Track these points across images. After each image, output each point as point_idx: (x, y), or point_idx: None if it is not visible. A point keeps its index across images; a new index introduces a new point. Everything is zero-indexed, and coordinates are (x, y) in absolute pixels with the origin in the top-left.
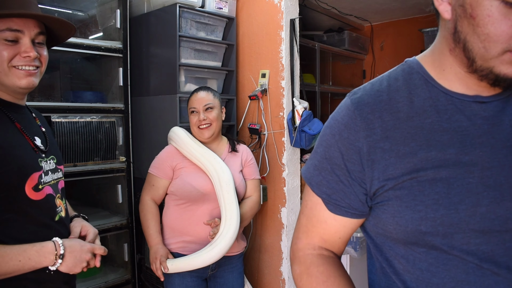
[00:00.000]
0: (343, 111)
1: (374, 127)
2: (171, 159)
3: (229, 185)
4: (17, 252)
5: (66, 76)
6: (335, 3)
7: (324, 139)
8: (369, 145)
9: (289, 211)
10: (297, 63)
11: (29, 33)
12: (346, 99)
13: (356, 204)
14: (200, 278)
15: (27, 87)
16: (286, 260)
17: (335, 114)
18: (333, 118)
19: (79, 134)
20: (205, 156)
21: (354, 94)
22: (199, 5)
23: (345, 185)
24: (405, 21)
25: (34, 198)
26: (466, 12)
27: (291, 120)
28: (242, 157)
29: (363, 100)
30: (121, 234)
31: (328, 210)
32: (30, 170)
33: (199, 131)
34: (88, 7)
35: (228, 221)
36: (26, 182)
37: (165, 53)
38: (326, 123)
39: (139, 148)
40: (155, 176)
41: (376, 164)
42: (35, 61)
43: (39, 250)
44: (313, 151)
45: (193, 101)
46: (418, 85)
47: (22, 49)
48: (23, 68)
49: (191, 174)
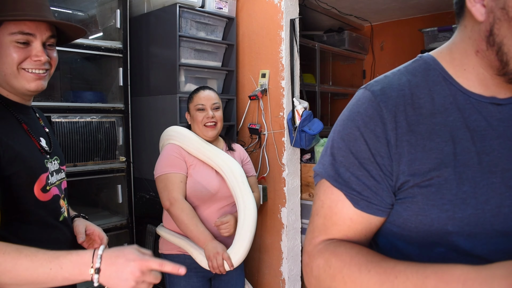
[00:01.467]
0: (365, 103)
1: (399, 120)
2: (180, 154)
3: (243, 176)
4: (48, 258)
5: (66, 76)
6: (335, 3)
7: (346, 132)
8: (396, 138)
9: (289, 211)
10: (297, 63)
11: (40, 36)
12: (364, 92)
13: (387, 201)
14: (205, 277)
15: (36, 90)
16: (286, 260)
17: (355, 106)
18: (353, 111)
19: (79, 134)
20: (214, 152)
21: (373, 86)
22: (199, 5)
23: (376, 180)
24: (405, 21)
25: (42, 199)
26: (508, 16)
27: (291, 120)
28: (240, 156)
29: (386, 93)
30: (121, 234)
31: (357, 208)
32: (39, 172)
33: (205, 129)
34: (88, 7)
35: (247, 210)
36: (35, 184)
37: (165, 53)
38: (345, 117)
39: (139, 148)
40: (176, 173)
41: (403, 157)
42: (45, 65)
43: (74, 260)
44: (329, 148)
45: (200, 98)
46: (436, 82)
47: (33, 53)
48: (33, 72)
49: (200, 173)
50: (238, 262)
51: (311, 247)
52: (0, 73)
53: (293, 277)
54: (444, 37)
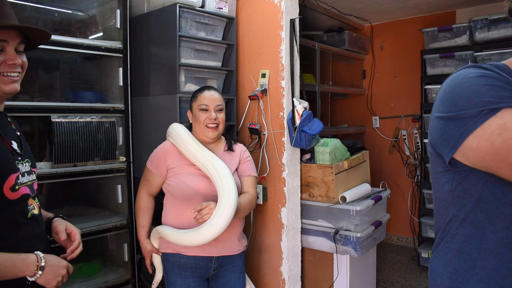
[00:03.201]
0: (481, 70)
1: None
2: (165, 156)
3: (228, 177)
4: (4, 259)
5: (66, 76)
6: (335, 3)
7: (490, 82)
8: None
9: (289, 211)
10: (297, 63)
11: (12, 42)
12: (469, 68)
13: None
14: (202, 278)
15: (11, 92)
16: (286, 260)
17: (478, 71)
18: (479, 74)
19: (79, 134)
20: (203, 155)
21: (479, 67)
22: (199, 5)
23: None
24: (405, 21)
25: (10, 198)
26: None
27: (291, 120)
28: (239, 155)
29: (494, 70)
30: (121, 234)
31: None
32: (8, 172)
33: (206, 129)
34: (88, 7)
35: (224, 201)
36: (4, 183)
37: (165, 53)
38: (477, 76)
39: (139, 148)
40: (150, 170)
41: None
42: (18, 68)
43: (23, 259)
44: (481, 95)
45: (204, 98)
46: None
47: (7, 57)
48: (8, 75)
49: (186, 173)
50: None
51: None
52: None
53: (293, 277)
54: (444, 37)
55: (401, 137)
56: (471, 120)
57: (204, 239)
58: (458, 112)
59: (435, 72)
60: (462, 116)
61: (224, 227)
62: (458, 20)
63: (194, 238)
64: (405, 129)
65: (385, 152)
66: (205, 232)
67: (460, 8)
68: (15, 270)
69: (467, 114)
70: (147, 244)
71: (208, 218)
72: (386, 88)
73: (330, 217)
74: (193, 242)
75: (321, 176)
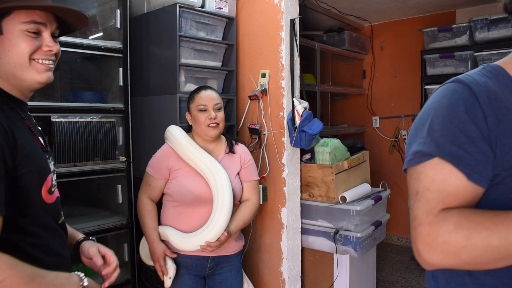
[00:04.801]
0: (464, 92)
1: (494, 111)
2: (167, 159)
3: (225, 188)
4: (52, 277)
5: (66, 76)
6: (335, 3)
7: (454, 116)
8: (492, 123)
9: (289, 211)
10: (297, 63)
11: (50, 27)
12: (456, 84)
13: (491, 174)
14: (199, 276)
15: (46, 82)
16: (286, 260)
17: (455, 95)
18: (455, 98)
19: (79, 134)
20: (201, 159)
21: (463, 80)
22: (199, 5)
23: (486, 156)
24: (405, 21)
25: (48, 201)
26: None
27: (291, 120)
28: (240, 159)
29: (478, 86)
30: (121, 234)
31: (470, 180)
32: (47, 172)
33: (208, 129)
34: (88, 7)
35: (212, 224)
36: (43, 185)
37: (165, 53)
38: (447, 104)
39: (139, 148)
40: (151, 175)
41: (498, 141)
42: (53, 56)
43: (68, 278)
44: (430, 131)
45: (202, 98)
46: (507, 85)
47: (44, 43)
48: (43, 63)
49: (187, 177)
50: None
51: (431, 217)
52: (7, 64)
53: (293, 277)
54: (444, 37)
55: (401, 137)
56: (409, 152)
57: (194, 248)
58: (413, 136)
59: (435, 72)
60: (410, 142)
61: (214, 238)
62: (458, 20)
63: (187, 245)
64: (405, 129)
65: (385, 152)
66: (197, 241)
67: (460, 8)
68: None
69: (414, 144)
70: (160, 245)
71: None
72: (386, 88)
73: (330, 217)
74: (187, 248)
75: (321, 176)
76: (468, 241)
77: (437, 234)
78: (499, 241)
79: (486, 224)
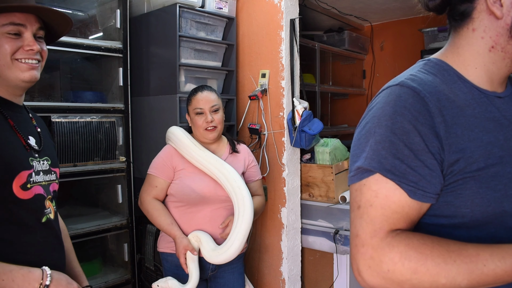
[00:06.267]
0: (409, 98)
1: (445, 114)
2: (171, 159)
3: (239, 181)
4: (2, 270)
5: (66, 76)
6: (335, 3)
7: (397, 126)
8: (445, 130)
9: (289, 211)
10: (297, 63)
11: (31, 27)
12: (401, 88)
13: (438, 188)
14: (201, 278)
15: (30, 80)
16: (286, 260)
17: (399, 102)
18: (399, 105)
19: (79, 134)
20: (207, 159)
21: (410, 83)
22: (199, 5)
23: (431, 169)
24: (405, 21)
25: (21, 197)
26: None
27: (291, 120)
28: (245, 160)
29: (426, 89)
30: (121, 234)
31: (414, 198)
32: (19, 168)
33: (205, 132)
34: (88, 7)
35: (240, 218)
36: (14, 180)
37: (165, 53)
38: (391, 113)
39: (139, 148)
40: (156, 177)
41: (453, 147)
42: (36, 55)
43: (25, 274)
44: (374, 143)
45: (198, 101)
46: (453, 81)
47: (25, 43)
48: (26, 62)
49: (190, 177)
50: (229, 259)
51: (376, 240)
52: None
53: (293, 277)
54: (444, 37)
55: None
56: (352, 167)
57: (231, 254)
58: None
59: None
60: (353, 155)
61: (246, 235)
62: None
63: (220, 257)
64: None
65: None
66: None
67: None
68: (13, 285)
69: (355, 158)
70: (183, 239)
71: (230, 233)
72: None
73: (330, 217)
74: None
75: (321, 176)
76: (414, 274)
77: (381, 260)
78: (446, 280)
79: (436, 260)
